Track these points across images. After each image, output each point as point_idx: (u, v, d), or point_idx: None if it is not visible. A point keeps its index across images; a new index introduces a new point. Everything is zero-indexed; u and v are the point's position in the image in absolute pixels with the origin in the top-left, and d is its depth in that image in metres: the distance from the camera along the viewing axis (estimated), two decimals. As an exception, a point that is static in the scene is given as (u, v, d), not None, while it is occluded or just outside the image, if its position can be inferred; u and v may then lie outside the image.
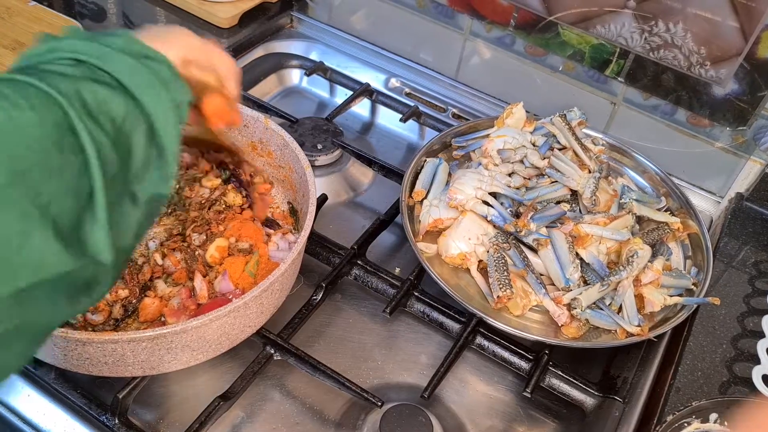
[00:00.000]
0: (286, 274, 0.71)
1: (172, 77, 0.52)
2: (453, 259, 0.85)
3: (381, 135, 1.14)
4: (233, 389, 0.72)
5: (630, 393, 0.77)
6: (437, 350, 0.83)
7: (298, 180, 0.82)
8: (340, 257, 0.86)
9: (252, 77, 1.16)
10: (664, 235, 0.88)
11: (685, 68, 0.94)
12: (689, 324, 0.82)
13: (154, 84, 0.50)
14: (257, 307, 0.71)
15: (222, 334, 0.69)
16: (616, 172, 1.00)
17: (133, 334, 0.63)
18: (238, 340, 0.72)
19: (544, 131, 0.96)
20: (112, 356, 0.65)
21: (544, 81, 1.08)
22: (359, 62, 1.19)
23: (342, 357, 0.81)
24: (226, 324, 0.68)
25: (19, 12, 1.10)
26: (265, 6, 1.23)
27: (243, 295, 0.68)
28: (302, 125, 1.05)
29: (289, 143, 0.83)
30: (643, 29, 0.94)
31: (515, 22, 1.05)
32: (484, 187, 0.87)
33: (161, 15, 1.19)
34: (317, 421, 0.76)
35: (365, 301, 0.88)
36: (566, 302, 0.80)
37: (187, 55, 0.57)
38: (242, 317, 0.69)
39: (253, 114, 0.86)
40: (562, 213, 0.85)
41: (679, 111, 0.99)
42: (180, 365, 0.69)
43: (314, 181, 0.78)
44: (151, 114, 0.49)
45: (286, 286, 0.76)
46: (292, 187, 0.84)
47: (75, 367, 0.67)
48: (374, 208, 1.00)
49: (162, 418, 0.74)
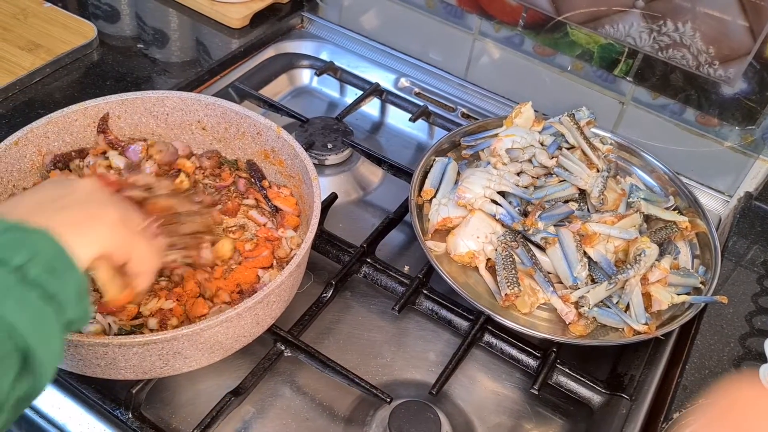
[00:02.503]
0: (284, 285, 0.71)
1: (69, 296, 0.47)
2: (461, 257, 0.86)
3: (390, 134, 1.15)
4: (244, 385, 0.73)
5: (637, 391, 0.78)
6: (446, 347, 0.84)
7: (306, 191, 0.82)
8: (350, 255, 0.87)
9: (263, 77, 1.17)
10: (672, 233, 0.88)
11: (694, 68, 0.95)
12: (697, 322, 0.82)
13: (37, 311, 0.45)
14: (252, 318, 0.70)
15: (215, 342, 0.69)
16: (624, 171, 1.01)
17: (123, 339, 0.62)
18: (233, 349, 0.72)
19: (552, 131, 0.96)
20: (104, 359, 0.65)
21: (552, 80, 1.08)
22: (369, 62, 1.20)
23: (351, 354, 0.82)
24: (218, 333, 0.68)
25: (34, 13, 1.12)
26: (276, 7, 1.24)
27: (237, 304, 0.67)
28: (312, 125, 1.06)
29: (299, 154, 0.83)
30: (652, 29, 0.94)
31: (524, 22, 1.05)
32: (493, 186, 0.87)
33: (173, 16, 1.21)
34: (327, 416, 0.77)
35: (374, 299, 0.88)
36: (574, 300, 0.80)
37: (103, 240, 0.52)
38: (236, 327, 0.69)
39: (266, 123, 0.86)
40: (570, 212, 0.86)
41: (687, 110, 0.99)
42: (173, 371, 0.69)
43: (320, 194, 0.78)
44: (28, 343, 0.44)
45: (284, 297, 0.75)
46: (301, 197, 0.85)
47: (71, 367, 0.68)
48: (384, 207, 1.01)
49: (174, 412, 0.75)
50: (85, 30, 1.11)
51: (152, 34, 1.16)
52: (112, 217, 0.54)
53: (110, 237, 0.53)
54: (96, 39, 1.10)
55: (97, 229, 0.52)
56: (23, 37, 1.07)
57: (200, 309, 0.72)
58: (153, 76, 1.07)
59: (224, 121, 0.88)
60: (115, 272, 0.56)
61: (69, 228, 0.49)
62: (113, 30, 1.16)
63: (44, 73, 1.04)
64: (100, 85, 1.04)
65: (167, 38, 1.16)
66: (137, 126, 0.88)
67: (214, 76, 1.12)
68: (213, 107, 0.88)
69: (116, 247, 0.54)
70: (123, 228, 0.55)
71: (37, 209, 0.51)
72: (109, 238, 0.53)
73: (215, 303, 0.74)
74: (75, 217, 0.51)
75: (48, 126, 0.81)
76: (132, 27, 1.18)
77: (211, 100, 0.87)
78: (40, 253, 0.46)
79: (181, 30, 1.19)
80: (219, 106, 0.87)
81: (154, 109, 0.88)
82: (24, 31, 1.09)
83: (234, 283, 0.76)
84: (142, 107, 0.87)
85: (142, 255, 0.57)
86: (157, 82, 1.06)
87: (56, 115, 0.82)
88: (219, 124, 0.89)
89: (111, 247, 0.53)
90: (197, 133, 0.90)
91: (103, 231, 0.53)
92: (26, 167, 0.81)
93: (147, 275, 0.59)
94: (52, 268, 0.46)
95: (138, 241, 0.57)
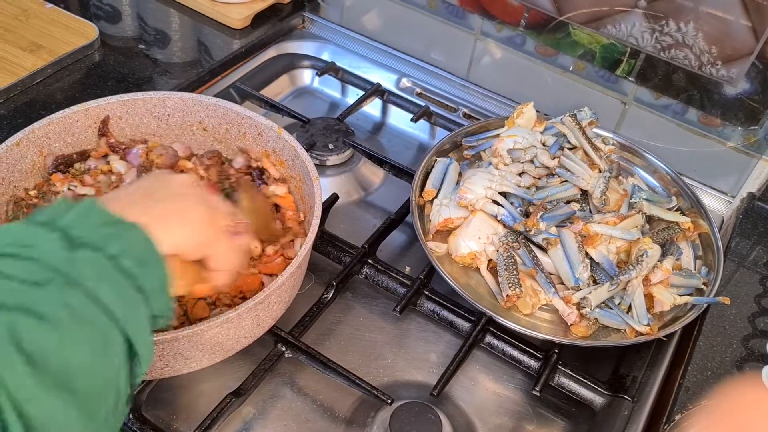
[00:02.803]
0: (284, 286, 0.70)
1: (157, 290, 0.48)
2: (463, 258, 0.85)
3: (392, 135, 1.15)
4: (245, 386, 0.73)
5: (639, 392, 0.77)
6: (447, 349, 0.84)
7: (308, 191, 0.82)
8: (351, 256, 0.87)
9: (264, 78, 1.17)
10: (674, 234, 0.88)
11: (696, 68, 0.94)
12: (699, 324, 0.82)
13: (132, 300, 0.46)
14: (253, 319, 0.70)
15: (216, 344, 0.69)
16: (626, 171, 1.00)
17: None
18: (234, 350, 0.72)
19: (554, 131, 0.96)
20: None
21: (554, 81, 1.08)
22: (370, 62, 1.20)
23: (352, 355, 0.82)
24: (219, 334, 0.68)
25: (36, 14, 1.12)
26: (277, 7, 1.24)
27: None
28: (314, 125, 1.06)
29: (300, 154, 0.82)
30: (654, 29, 0.94)
31: (526, 22, 1.05)
32: (494, 187, 0.87)
33: (175, 17, 1.21)
34: (328, 418, 0.76)
35: (376, 300, 0.88)
36: (575, 301, 0.80)
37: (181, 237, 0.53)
38: (236, 328, 0.69)
39: (267, 123, 0.86)
40: (572, 212, 0.85)
41: (690, 110, 0.99)
42: (174, 372, 0.69)
43: (321, 194, 0.78)
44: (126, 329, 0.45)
45: (285, 298, 0.75)
46: (302, 197, 0.85)
47: None
48: (385, 208, 1.01)
49: (175, 413, 0.75)
50: (87, 30, 1.11)
51: (153, 34, 1.16)
52: (199, 215, 0.55)
53: (191, 235, 0.54)
54: (97, 39, 1.10)
55: (181, 226, 0.53)
56: (25, 38, 1.07)
57: (201, 312, 0.72)
58: (154, 77, 1.07)
59: (225, 121, 0.88)
60: (188, 266, 0.56)
61: (157, 221, 0.50)
62: (115, 30, 1.16)
63: (46, 73, 1.04)
64: (101, 85, 1.04)
65: (168, 39, 1.16)
66: (138, 127, 0.88)
67: (216, 76, 1.12)
68: (214, 108, 0.88)
69: (195, 245, 0.54)
70: (207, 226, 0.55)
71: (133, 202, 0.52)
72: (189, 235, 0.54)
73: (217, 306, 0.74)
74: (164, 211, 0.52)
75: (49, 127, 0.81)
76: (133, 27, 1.19)
77: (212, 101, 0.87)
78: (133, 245, 0.47)
79: (182, 30, 1.19)
80: (220, 107, 0.87)
81: (156, 110, 0.88)
82: (26, 32, 1.09)
83: (237, 290, 0.76)
84: (144, 108, 0.87)
85: (222, 254, 0.57)
86: (158, 83, 1.06)
87: (57, 115, 0.82)
88: (220, 125, 0.89)
89: (190, 244, 0.54)
90: (198, 134, 0.90)
91: (186, 228, 0.53)
92: (27, 168, 0.81)
93: (226, 274, 0.59)
94: (143, 260, 0.47)
95: (220, 240, 0.57)
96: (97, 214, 0.48)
